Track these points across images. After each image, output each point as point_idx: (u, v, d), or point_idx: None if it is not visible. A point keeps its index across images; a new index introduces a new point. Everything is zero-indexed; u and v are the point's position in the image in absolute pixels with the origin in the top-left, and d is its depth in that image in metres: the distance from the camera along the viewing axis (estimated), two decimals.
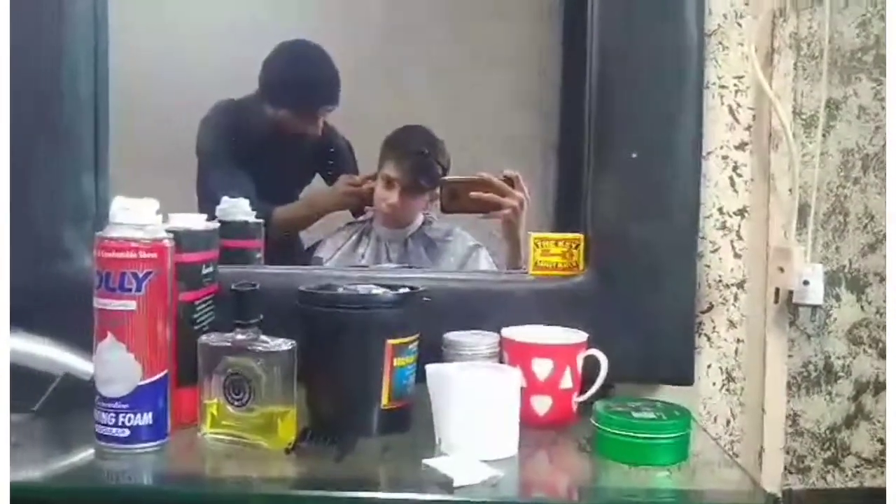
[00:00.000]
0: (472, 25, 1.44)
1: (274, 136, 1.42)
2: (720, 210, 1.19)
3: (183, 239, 0.96)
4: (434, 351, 1.03)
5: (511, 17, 1.43)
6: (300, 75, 1.43)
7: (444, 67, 1.43)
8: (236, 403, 0.93)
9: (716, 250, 1.19)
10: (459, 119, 1.43)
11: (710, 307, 1.20)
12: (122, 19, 1.18)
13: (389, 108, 1.41)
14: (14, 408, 0.97)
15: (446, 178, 1.36)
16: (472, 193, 1.32)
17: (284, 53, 1.39)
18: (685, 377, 1.14)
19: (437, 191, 1.36)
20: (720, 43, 1.18)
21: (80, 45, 1.12)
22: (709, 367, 1.20)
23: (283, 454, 0.90)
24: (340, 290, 1.01)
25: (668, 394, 1.11)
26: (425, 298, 1.01)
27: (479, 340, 1.05)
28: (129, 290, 0.88)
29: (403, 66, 1.44)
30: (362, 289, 1.01)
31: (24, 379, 0.99)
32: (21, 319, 1.02)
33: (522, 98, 1.43)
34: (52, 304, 1.06)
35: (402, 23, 1.44)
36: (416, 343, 1.00)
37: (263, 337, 0.94)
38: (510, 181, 1.31)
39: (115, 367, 0.89)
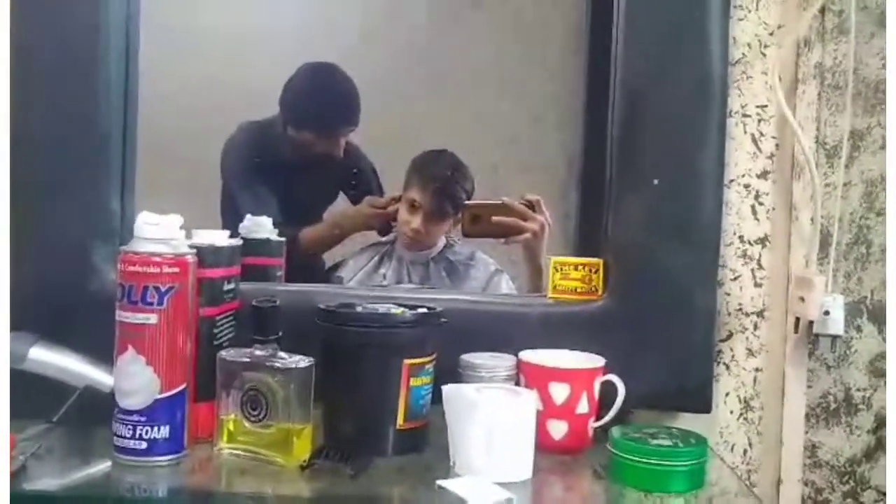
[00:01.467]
0: (495, 51, 1.45)
1: (296, 158, 1.44)
2: (741, 238, 1.19)
3: (206, 254, 0.97)
4: (451, 372, 1.03)
5: (536, 42, 1.44)
6: (320, 97, 1.45)
7: (466, 92, 1.45)
8: (253, 419, 0.94)
9: (736, 278, 1.19)
10: (482, 144, 1.43)
11: (730, 335, 1.19)
12: (151, 41, 1.21)
13: (411, 132, 1.42)
14: (34, 418, 0.99)
15: (468, 202, 1.37)
16: (494, 218, 1.33)
17: (304, 75, 1.41)
18: (703, 405, 1.14)
19: (459, 215, 1.37)
20: (744, 72, 1.18)
21: (112, 65, 1.14)
22: (727, 395, 1.19)
23: (298, 471, 0.91)
24: (359, 309, 1.02)
25: (686, 421, 1.11)
26: (443, 319, 1.02)
27: (496, 363, 1.05)
28: (151, 303, 0.90)
29: (426, 89, 1.45)
30: (381, 308, 1.02)
31: (45, 390, 1.01)
32: (45, 331, 1.04)
33: (545, 123, 1.44)
34: (76, 318, 1.07)
35: (425, 47, 1.45)
36: (432, 363, 1.00)
37: (282, 353, 0.95)
38: (531, 205, 1.32)
39: (135, 380, 0.90)
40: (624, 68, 1.14)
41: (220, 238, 1.02)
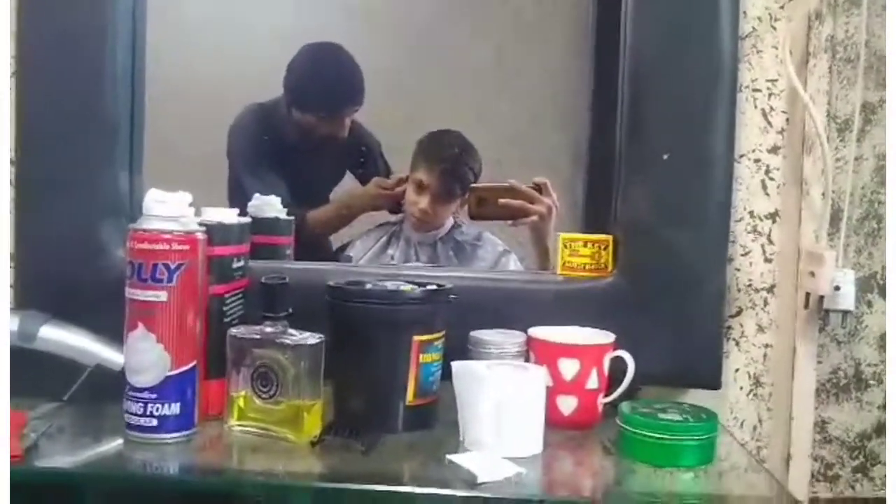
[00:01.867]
0: (502, 31, 1.44)
1: (301, 139, 1.43)
2: (751, 214, 1.18)
3: (215, 232, 0.97)
4: (460, 349, 1.03)
5: (542, 20, 1.43)
6: (323, 78, 1.44)
7: (473, 72, 1.44)
8: (263, 396, 0.94)
9: (746, 254, 1.18)
10: (489, 125, 1.43)
11: (740, 311, 1.19)
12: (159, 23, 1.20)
13: (418, 114, 1.41)
14: (46, 396, 1.00)
15: (474, 184, 1.36)
16: (501, 200, 1.32)
17: (307, 56, 1.40)
18: (713, 381, 1.14)
19: (467, 196, 1.36)
20: (754, 46, 1.17)
21: (120, 44, 1.14)
22: (737, 371, 1.19)
23: (308, 447, 0.91)
24: (369, 286, 1.02)
25: (695, 398, 1.10)
26: (452, 296, 1.02)
27: (505, 339, 1.05)
28: (161, 280, 0.90)
29: (433, 70, 1.44)
30: (390, 285, 1.02)
31: (56, 368, 1.01)
32: (55, 310, 1.04)
33: (553, 99, 1.43)
34: (85, 296, 1.08)
35: (433, 29, 1.44)
36: (442, 340, 1.00)
37: (291, 330, 0.95)
38: (538, 188, 1.31)
39: (145, 358, 0.91)
40: (633, 43, 1.13)
41: (229, 216, 1.01)
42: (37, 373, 1.01)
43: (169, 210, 0.91)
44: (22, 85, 1.14)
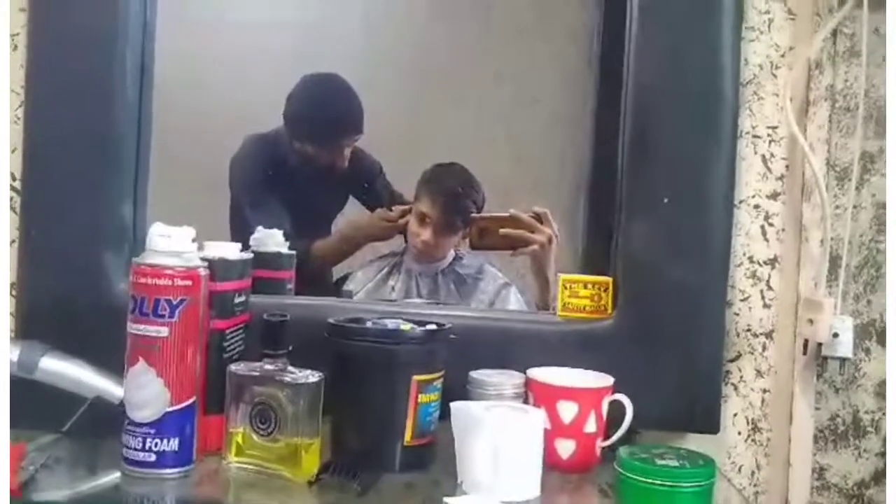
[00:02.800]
0: (507, 65, 1.45)
1: (302, 169, 1.44)
2: (751, 259, 1.19)
3: (217, 268, 0.97)
4: (459, 389, 1.03)
5: (547, 58, 1.44)
6: (322, 109, 1.45)
7: (477, 106, 1.45)
8: (262, 433, 0.94)
9: (745, 299, 1.19)
10: (491, 158, 1.44)
11: (738, 356, 1.19)
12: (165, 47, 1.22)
13: (421, 145, 1.43)
14: (44, 428, 0.99)
15: (475, 215, 1.37)
16: (502, 230, 1.33)
17: (305, 87, 1.41)
18: (711, 426, 1.14)
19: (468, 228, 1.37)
20: (755, 93, 1.18)
21: (129, 72, 1.15)
22: (735, 416, 1.19)
23: (305, 486, 0.91)
24: (369, 324, 1.02)
25: (694, 442, 1.10)
26: (452, 336, 1.02)
27: (504, 380, 1.05)
28: (163, 316, 0.90)
29: (435, 102, 1.45)
30: (391, 324, 1.02)
31: (56, 400, 1.01)
32: (55, 340, 1.04)
33: (555, 137, 1.44)
34: (86, 327, 1.08)
35: (435, 61, 1.45)
36: (441, 380, 1.01)
37: (291, 368, 0.95)
38: (539, 217, 1.33)
39: (145, 392, 0.91)
40: (635, 86, 1.14)
41: (231, 251, 1.02)
42: (36, 404, 1.01)
43: (172, 245, 0.91)
44: (28, 113, 1.15)
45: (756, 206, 1.19)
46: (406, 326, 1.01)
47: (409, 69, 1.45)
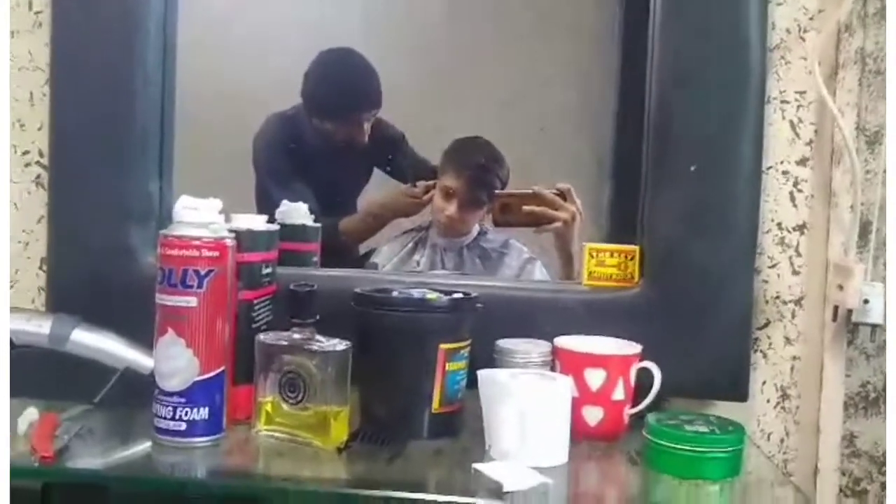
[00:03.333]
0: (528, 38, 1.44)
1: (323, 146, 1.44)
2: (779, 226, 1.18)
3: (244, 239, 0.98)
4: (486, 357, 1.04)
5: (569, 29, 1.43)
6: (339, 84, 1.44)
7: (499, 79, 1.44)
8: (291, 401, 0.95)
9: (774, 266, 1.18)
10: (515, 132, 1.43)
11: (767, 323, 1.18)
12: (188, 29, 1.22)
13: (444, 121, 1.42)
14: (76, 399, 1.01)
15: (498, 191, 1.37)
16: (524, 207, 1.32)
17: (322, 63, 1.40)
18: (740, 393, 1.13)
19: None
20: (783, 57, 1.16)
21: (150, 50, 1.16)
22: (764, 384, 1.18)
23: (335, 453, 0.92)
24: (395, 294, 1.02)
25: (722, 410, 1.10)
26: (478, 304, 1.02)
27: (531, 348, 1.05)
28: (191, 286, 0.91)
29: (460, 78, 1.44)
30: (416, 293, 1.02)
31: (87, 371, 1.02)
32: (85, 313, 1.06)
33: (579, 109, 1.43)
34: (115, 300, 1.10)
35: (459, 37, 1.44)
36: (467, 348, 1.01)
37: (319, 337, 0.96)
38: (562, 194, 1.32)
39: (174, 362, 0.91)
40: (660, 53, 1.13)
41: (257, 223, 1.02)
42: (67, 375, 1.02)
43: (199, 217, 0.92)
44: (54, 91, 1.16)
45: (784, 172, 1.17)
46: (433, 295, 1.01)
47: (431, 43, 1.44)
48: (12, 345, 1.02)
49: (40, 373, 1.01)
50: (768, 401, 1.18)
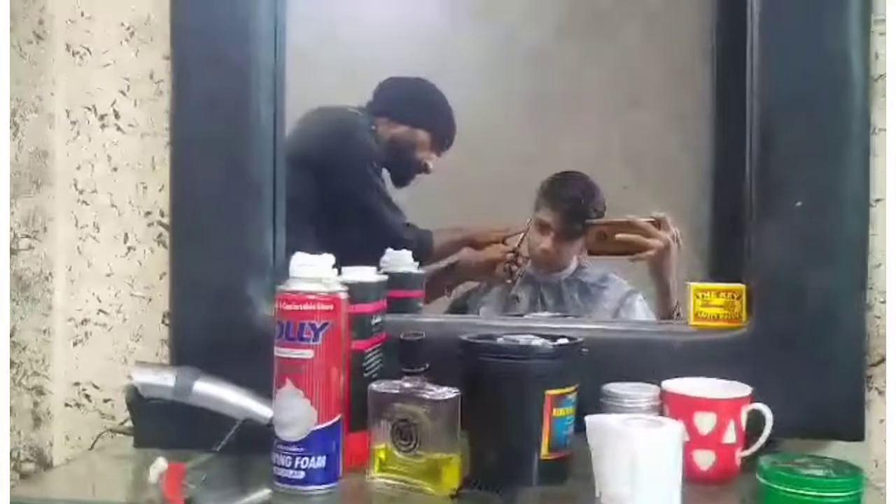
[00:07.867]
0: (625, 67, 1.45)
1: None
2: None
3: (355, 291, 1.01)
4: (593, 402, 1.04)
5: (667, 58, 1.43)
6: (428, 108, 1.49)
7: (595, 109, 1.45)
8: (403, 449, 0.97)
9: (885, 301, 1.15)
10: (611, 162, 1.44)
11: (882, 360, 1.15)
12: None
13: (540, 150, 1.44)
14: (198, 448, 1.05)
15: (593, 220, 1.38)
16: (618, 235, 1.33)
17: (395, 97, 1.46)
18: (855, 432, 1.10)
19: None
20: (887, 87, 1.14)
21: (263, 109, 1.22)
22: (881, 422, 1.15)
23: (447, 500, 0.93)
24: (500, 341, 1.04)
25: (837, 451, 1.07)
26: (583, 349, 1.03)
27: (639, 393, 1.05)
28: (307, 339, 0.94)
29: (555, 107, 1.46)
30: (522, 339, 1.04)
31: (209, 421, 1.07)
32: (206, 364, 1.11)
33: (677, 142, 1.43)
34: (234, 351, 1.14)
35: (555, 64, 1.46)
36: (574, 393, 1.01)
37: (429, 385, 0.98)
38: (658, 223, 1.32)
39: (293, 412, 0.95)
40: (761, 84, 1.12)
41: (368, 275, 1.06)
42: (189, 425, 1.07)
43: (313, 272, 0.96)
44: (174, 153, 1.23)
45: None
46: (538, 342, 1.03)
47: (521, 68, 1.46)
48: (140, 398, 1.08)
49: (163, 422, 1.07)
50: (885, 440, 1.15)
